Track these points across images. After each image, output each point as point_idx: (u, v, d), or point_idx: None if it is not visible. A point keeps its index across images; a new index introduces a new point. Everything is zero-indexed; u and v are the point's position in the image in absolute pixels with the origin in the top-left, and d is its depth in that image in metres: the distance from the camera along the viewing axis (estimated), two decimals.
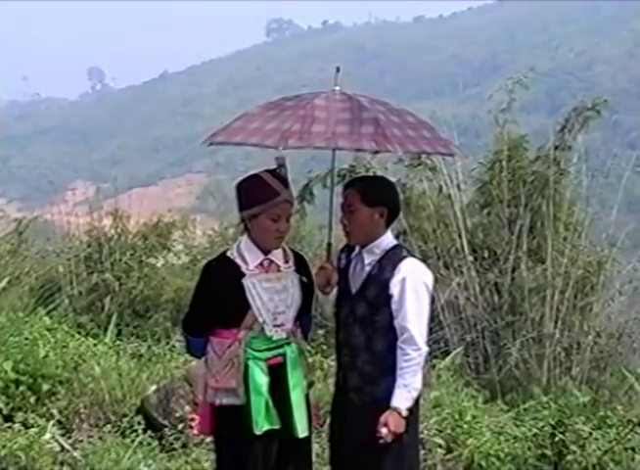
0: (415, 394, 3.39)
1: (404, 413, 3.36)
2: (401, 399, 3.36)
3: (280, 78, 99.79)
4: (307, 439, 3.68)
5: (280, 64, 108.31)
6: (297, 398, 3.58)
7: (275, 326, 3.55)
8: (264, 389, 3.53)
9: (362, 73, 78.08)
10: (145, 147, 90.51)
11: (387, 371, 3.41)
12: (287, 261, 3.63)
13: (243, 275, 3.53)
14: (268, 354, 3.57)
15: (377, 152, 3.84)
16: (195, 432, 5.44)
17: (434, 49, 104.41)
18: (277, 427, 3.55)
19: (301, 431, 3.57)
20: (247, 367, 3.53)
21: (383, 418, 3.34)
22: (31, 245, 10.20)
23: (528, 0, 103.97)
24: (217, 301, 3.54)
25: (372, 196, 3.48)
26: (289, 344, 3.61)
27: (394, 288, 3.41)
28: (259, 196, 3.51)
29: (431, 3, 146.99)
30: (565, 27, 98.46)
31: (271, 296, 3.54)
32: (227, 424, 3.59)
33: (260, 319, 3.53)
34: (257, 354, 3.55)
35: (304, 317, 3.73)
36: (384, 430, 3.33)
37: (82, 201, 11.72)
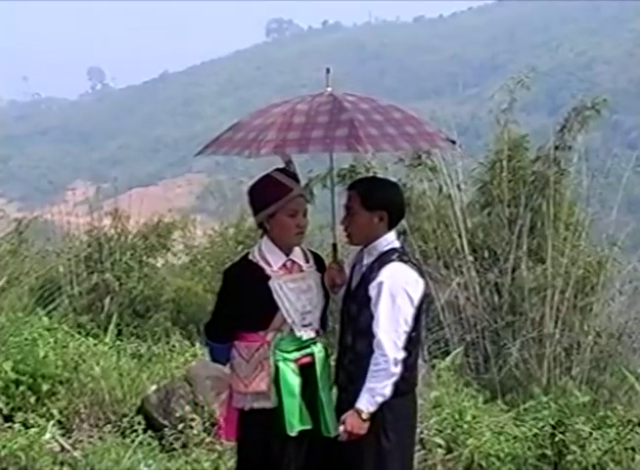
0: (380, 399, 3.37)
1: (364, 416, 3.35)
2: (364, 402, 3.36)
3: (280, 78, 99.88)
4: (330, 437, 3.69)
5: (280, 64, 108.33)
6: (326, 397, 3.59)
7: (304, 326, 3.55)
8: (297, 390, 3.53)
9: (362, 73, 78.22)
10: (145, 147, 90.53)
11: (366, 372, 3.41)
12: (307, 261, 3.64)
13: (268, 277, 3.52)
14: (297, 355, 3.56)
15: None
16: (194, 430, 5.46)
17: (434, 49, 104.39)
18: (309, 427, 3.55)
19: (334, 430, 3.57)
20: (277, 369, 3.52)
21: (343, 417, 3.38)
22: (31, 245, 10.21)
23: (528, 0, 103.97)
24: (244, 305, 3.52)
25: (372, 200, 3.48)
26: (315, 343, 3.61)
27: (372, 291, 3.42)
28: (273, 195, 3.51)
29: (431, 3, 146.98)
30: (565, 27, 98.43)
31: (298, 296, 3.53)
32: (257, 428, 3.57)
33: (289, 320, 3.52)
34: (287, 356, 3.54)
35: (323, 316, 3.73)
36: (340, 428, 3.37)
37: (82, 201, 11.74)
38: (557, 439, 5.20)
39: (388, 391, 3.37)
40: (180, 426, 5.51)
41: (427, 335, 7.44)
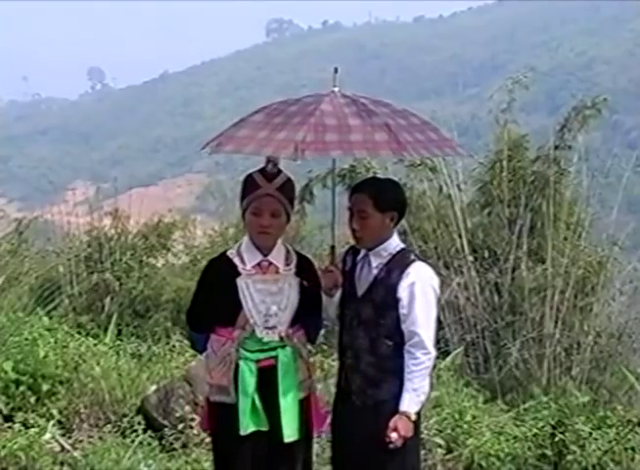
0: (423, 398, 3.40)
1: (413, 417, 3.37)
2: (410, 404, 3.37)
3: (280, 78, 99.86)
4: (306, 442, 3.67)
5: (280, 64, 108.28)
6: (286, 402, 3.56)
7: (267, 328, 3.54)
8: (251, 390, 3.53)
9: (362, 73, 78.13)
10: (145, 147, 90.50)
11: (390, 374, 3.42)
12: (288, 264, 3.61)
13: (239, 275, 3.54)
14: (260, 356, 3.56)
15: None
16: (194, 430, 5.47)
17: (434, 49, 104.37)
18: (264, 429, 3.54)
19: (287, 436, 3.54)
20: (238, 367, 3.54)
21: (392, 423, 3.34)
22: (31, 245, 10.20)
23: (528, 0, 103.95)
24: (214, 299, 3.57)
25: (384, 202, 3.47)
26: (283, 347, 3.58)
27: (403, 292, 3.41)
28: (244, 192, 3.56)
29: (431, 3, 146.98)
30: (565, 27, 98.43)
31: (264, 297, 3.53)
32: (220, 421, 3.62)
33: (251, 320, 3.53)
34: (249, 355, 3.55)
35: (311, 320, 3.69)
36: (393, 434, 3.33)
37: (82, 201, 11.73)
38: (557, 439, 5.20)
39: (428, 388, 3.42)
40: (180, 426, 5.52)
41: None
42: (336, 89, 3.49)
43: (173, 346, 7.17)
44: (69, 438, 5.55)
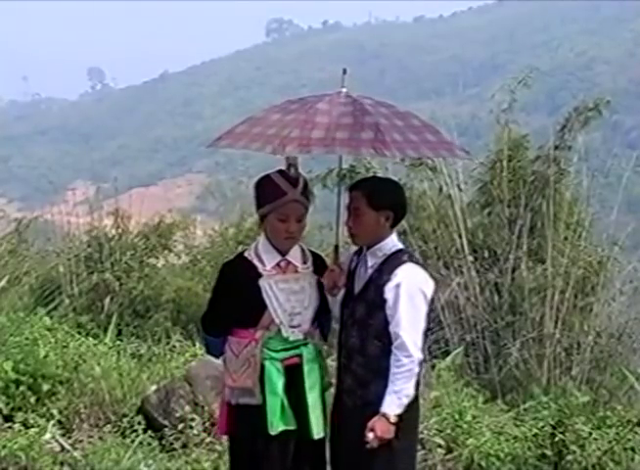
0: (406, 400, 3.37)
1: (392, 419, 3.35)
2: (391, 405, 3.36)
3: (280, 78, 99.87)
4: (323, 440, 3.68)
5: (280, 64, 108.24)
6: (313, 399, 3.58)
7: (292, 327, 3.56)
8: (280, 389, 3.54)
9: (362, 73, 78.03)
10: (145, 147, 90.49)
11: (378, 375, 3.41)
12: (305, 262, 3.64)
13: (260, 276, 3.55)
14: (285, 355, 3.57)
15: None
16: (194, 430, 5.46)
17: (434, 49, 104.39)
18: (293, 428, 3.55)
19: (317, 432, 3.57)
20: (263, 367, 3.54)
21: (370, 423, 3.35)
22: (31, 245, 10.21)
23: (528, 0, 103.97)
24: (235, 301, 3.56)
25: (378, 200, 3.47)
26: (306, 345, 3.61)
27: (389, 293, 3.41)
28: (268, 196, 3.53)
29: (431, 3, 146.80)
30: (565, 27, 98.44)
31: (288, 297, 3.55)
32: (244, 424, 3.60)
33: (277, 320, 3.54)
34: (274, 355, 3.56)
35: (323, 318, 3.72)
36: (370, 434, 3.34)
37: (82, 201, 11.73)
38: (557, 439, 5.20)
39: (412, 391, 3.38)
40: (180, 426, 5.51)
41: (427, 335, 7.42)
42: (344, 90, 3.50)
43: (173, 346, 7.18)
44: (69, 438, 5.54)
